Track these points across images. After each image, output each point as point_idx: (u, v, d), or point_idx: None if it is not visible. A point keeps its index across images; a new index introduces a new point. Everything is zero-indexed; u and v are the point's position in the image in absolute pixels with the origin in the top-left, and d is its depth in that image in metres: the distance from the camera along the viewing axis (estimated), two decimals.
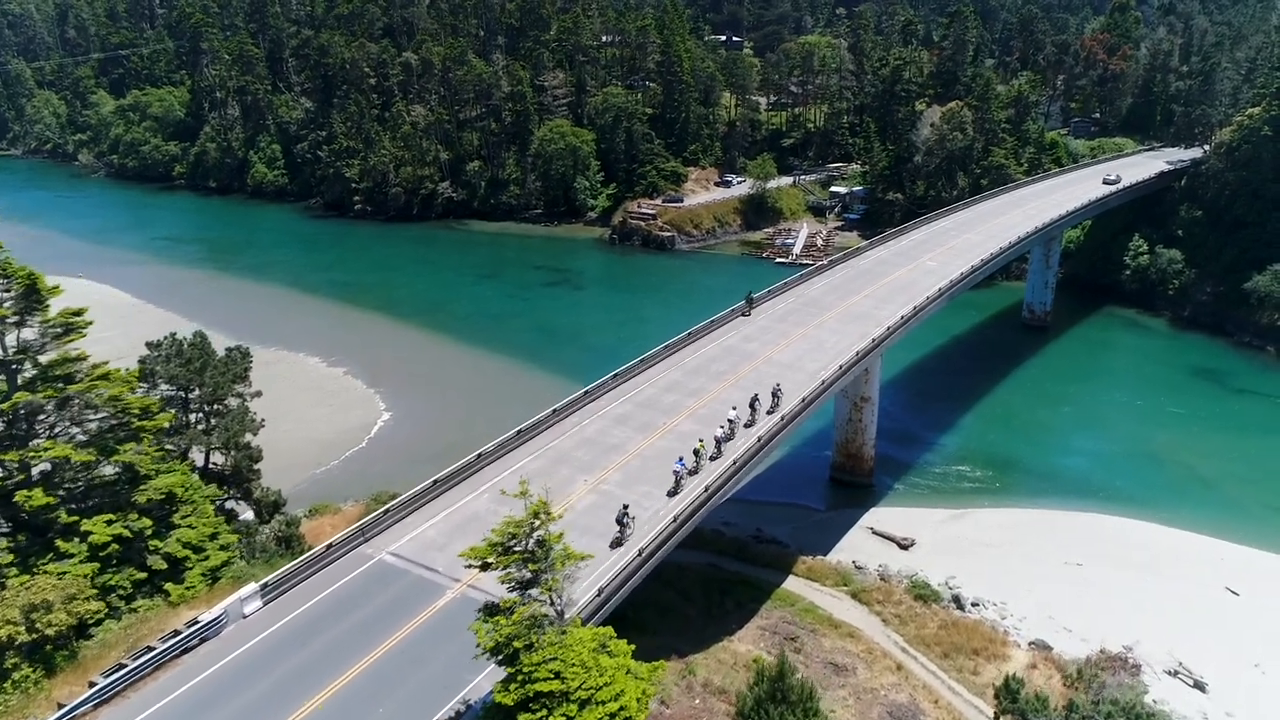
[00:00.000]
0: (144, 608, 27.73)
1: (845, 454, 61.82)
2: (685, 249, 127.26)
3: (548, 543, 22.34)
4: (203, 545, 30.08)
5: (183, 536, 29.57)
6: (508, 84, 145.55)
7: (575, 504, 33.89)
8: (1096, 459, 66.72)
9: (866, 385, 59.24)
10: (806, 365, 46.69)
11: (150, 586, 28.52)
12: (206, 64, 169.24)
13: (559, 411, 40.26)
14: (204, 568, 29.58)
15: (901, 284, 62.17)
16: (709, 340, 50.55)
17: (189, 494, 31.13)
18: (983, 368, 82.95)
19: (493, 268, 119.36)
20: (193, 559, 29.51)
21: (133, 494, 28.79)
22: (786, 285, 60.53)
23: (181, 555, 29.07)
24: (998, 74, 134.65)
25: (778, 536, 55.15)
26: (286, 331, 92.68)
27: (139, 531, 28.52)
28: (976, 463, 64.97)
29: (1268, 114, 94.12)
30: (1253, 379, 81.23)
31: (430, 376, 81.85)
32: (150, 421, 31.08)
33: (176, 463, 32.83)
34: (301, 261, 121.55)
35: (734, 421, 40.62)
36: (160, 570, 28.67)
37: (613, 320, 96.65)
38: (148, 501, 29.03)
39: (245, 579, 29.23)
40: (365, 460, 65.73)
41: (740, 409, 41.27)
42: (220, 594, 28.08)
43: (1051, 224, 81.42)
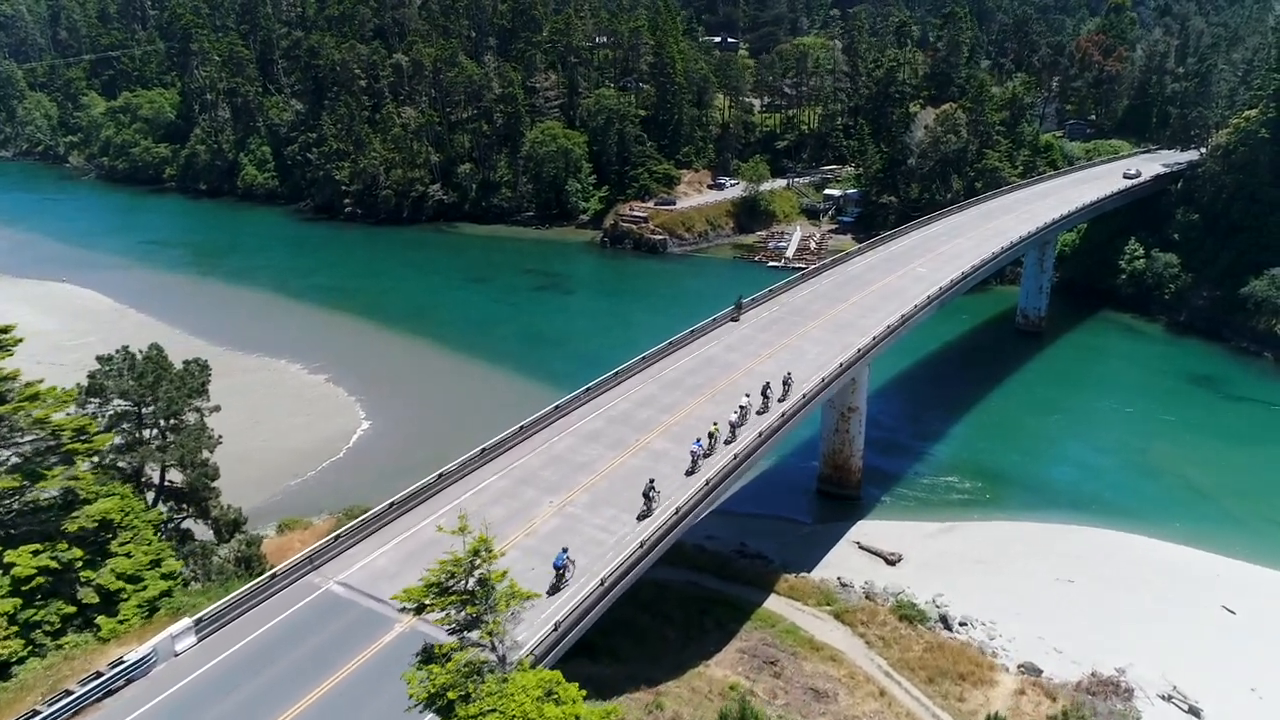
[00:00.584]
0: (71, 644, 26.00)
1: (832, 465, 60.14)
2: (677, 252, 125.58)
3: (490, 581, 20.67)
4: (141, 575, 28.36)
5: (118, 566, 27.84)
6: (499, 85, 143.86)
7: (539, 528, 32.18)
8: (1090, 469, 65.03)
9: (854, 395, 57.57)
10: (771, 391, 44.81)
11: (81, 620, 26.87)
12: (196, 65, 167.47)
13: (526, 428, 38.56)
14: (141, 599, 27.86)
15: (890, 291, 60.48)
16: (688, 351, 48.83)
17: (128, 519, 29.42)
18: (975, 375, 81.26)
19: (482, 271, 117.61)
20: (129, 590, 27.79)
21: (63, 522, 27.09)
22: (772, 293, 58.82)
23: (116, 587, 27.36)
24: (992, 76, 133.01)
25: (763, 551, 53.50)
26: (269, 337, 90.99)
27: (68, 563, 26.83)
28: (967, 473, 63.27)
29: (1265, 116, 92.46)
30: (1250, 386, 79.52)
31: (413, 384, 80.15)
32: (84, 444, 29.38)
33: (117, 485, 31.10)
34: (288, 265, 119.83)
35: (746, 408, 41.89)
36: (92, 604, 27.00)
37: (600, 326, 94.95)
38: (79, 530, 27.34)
39: (185, 611, 27.55)
40: (342, 471, 64.03)
41: (753, 396, 42.73)
42: (156, 628, 26.41)
43: (1045, 229, 79.75)
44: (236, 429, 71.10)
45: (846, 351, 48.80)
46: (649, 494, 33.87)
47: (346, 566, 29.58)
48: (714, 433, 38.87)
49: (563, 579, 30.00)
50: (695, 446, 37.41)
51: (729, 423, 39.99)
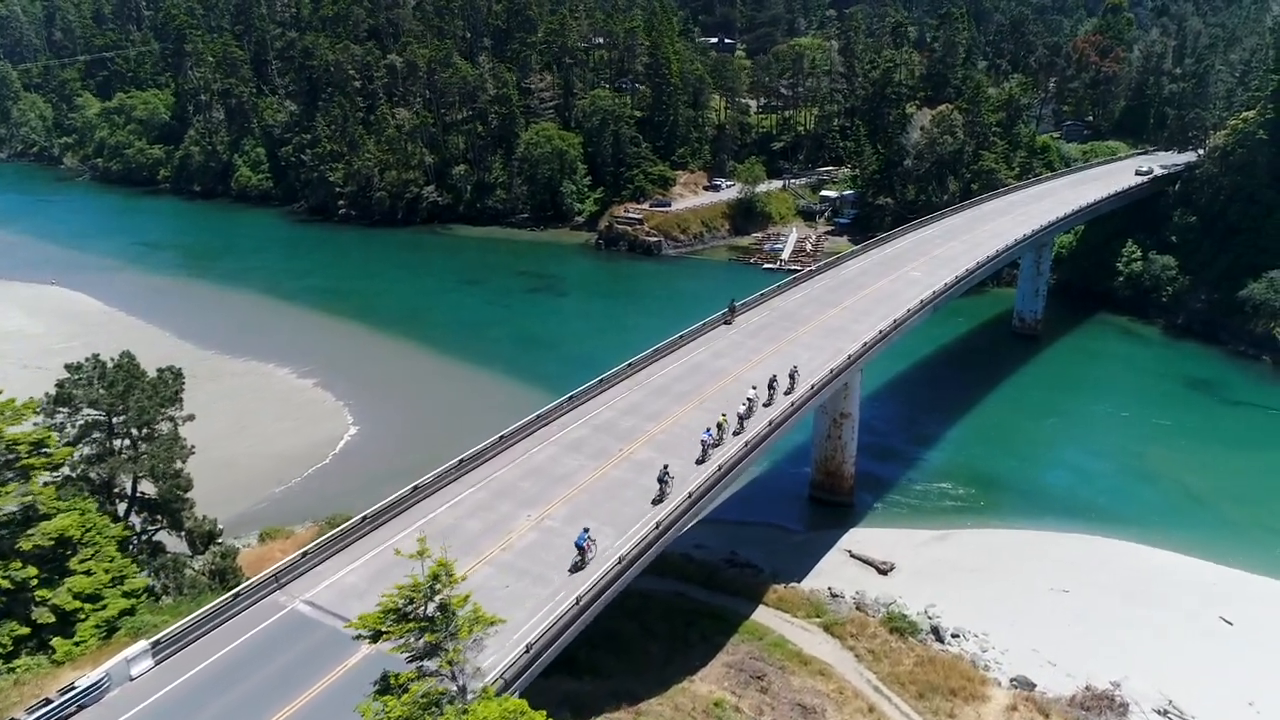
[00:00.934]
0: (23, 668, 25.00)
1: (824, 472, 59.13)
2: (672, 254, 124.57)
3: (450, 607, 19.68)
4: (101, 594, 27.38)
5: (76, 585, 26.83)
6: (493, 86, 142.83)
7: (515, 542, 31.15)
8: (1085, 475, 64.01)
9: (846, 401, 56.55)
10: (777, 384, 43.92)
11: (35, 642, 25.86)
12: (190, 66, 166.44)
13: (507, 438, 37.52)
14: (100, 619, 26.87)
15: (883, 295, 59.45)
16: (676, 357, 47.79)
17: (89, 535, 28.42)
18: (970, 379, 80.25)
19: (475, 273, 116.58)
20: (87, 610, 26.80)
21: (17, 540, 26.07)
22: (763, 297, 57.80)
23: (73, 607, 26.36)
24: (989, 76, 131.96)
25: (752, 560, 52.51)
26: (258, 341, 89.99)
27: (23, 582, 25.82)
28: (961, 480, 62.25)
29: (1262, 117, 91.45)
30: (1248, 390, 78.53)
31: (402, 388, 79.14)
32: (43, 458, 28.38)
33: (80, 499, 30.09)
34: (281, 267, 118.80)
35: (753, 400, 42.76)
36: (48, 624, 26.00)
37: (594, 328, 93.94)
38: (34, 548, 26.32)
39: (145, 631, 26.56)
40: (328, 478, 63.02)
41: (760, 389, 43.55)
42: (114, 650, 25.40)
43: (1040, 232, 78.74)
44: (222, 435, 70.69)
45: (838, 357, 47.80)
46: (663, 479, 35.38)
47: (315, 584, 28.56)
48: (722, 423, 40.20)
49: (585, 557, 30.90)
50: (705, 436, 38.82)
51: (737, 415, 41.36)
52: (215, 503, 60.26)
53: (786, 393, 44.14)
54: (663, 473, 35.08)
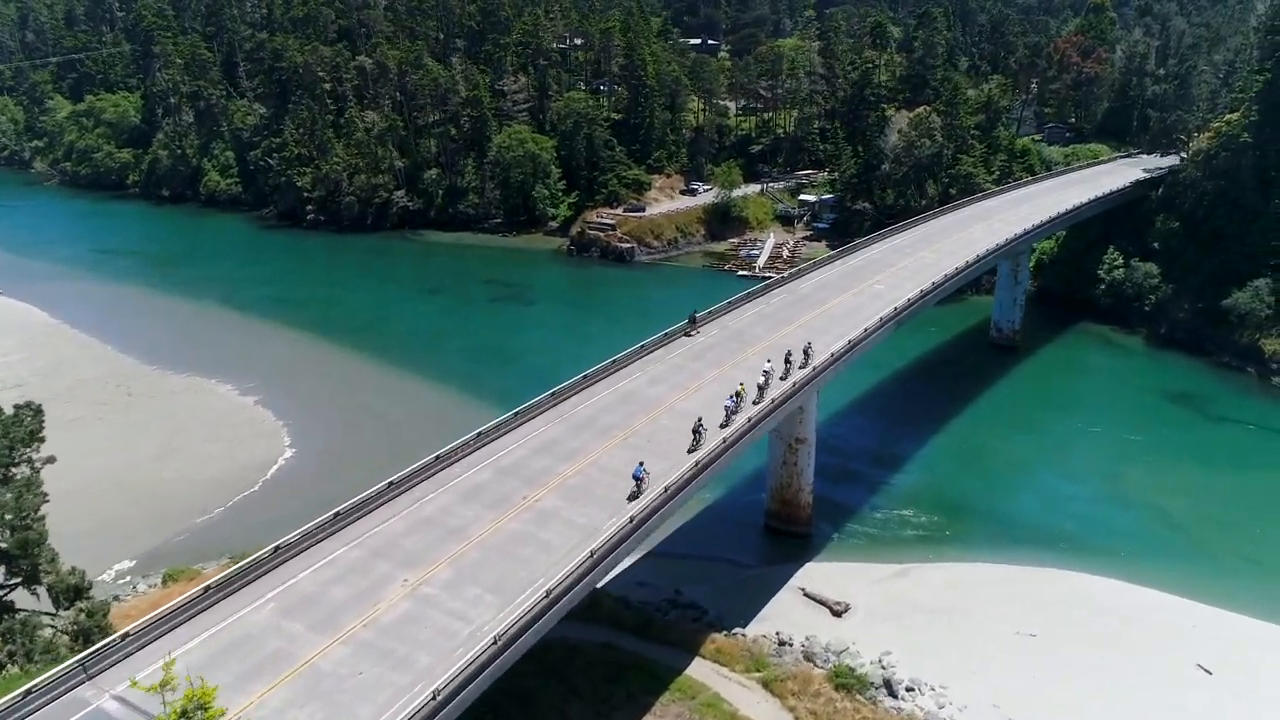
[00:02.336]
0: None
1: (780, 500, 54.94)
2: (645, 261, 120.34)
3: None
4: None
5: None
6: (465, 88, 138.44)
7: (382, 615, 26.88)
8: (1059, 500, 59.89)
9: (801, 425, 52.40)
10: (715, 416, 39.72)
11: None
12: (159, 68, 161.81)
13: (397, 484, 33.29)
14: None
15: (843, 311, 55.28)
16: (608, 384, 43.54)
17: None
18: (943, 393, 76.13)
19: (441, 281, 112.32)
20: None
21: None
22: (713, 314, 53.56)
23: None
24: (970, 78, 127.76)
25: (697, 600, 48.32)
26: (205, 354, 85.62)
27: None
28: (926, 506, 58.08)
29: (1246, 119, 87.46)
30: (1231, 405, 74.49)
31: (347, 406, 74.77)
32: None
33: None
34: (241, 275, 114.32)
35: (769, 373, 44.91)
36: None
37: (555, 340, 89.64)
38: None
39: None
40: (254, 507, 58.66)
41: (775, 363, 45.78)
42: None
43: (1015, 240, 74.67)
44: (151, 457, 66.45)
45: (786, 382, 43.56)
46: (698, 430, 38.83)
47: (139, 668, 24.28)
48: (741, 392, 42.47)
49: (640, 488, 34.38)
50: (729, 403, 41.59)
51: (757, 385, 43.74)
52: (129, 535, 56.52)
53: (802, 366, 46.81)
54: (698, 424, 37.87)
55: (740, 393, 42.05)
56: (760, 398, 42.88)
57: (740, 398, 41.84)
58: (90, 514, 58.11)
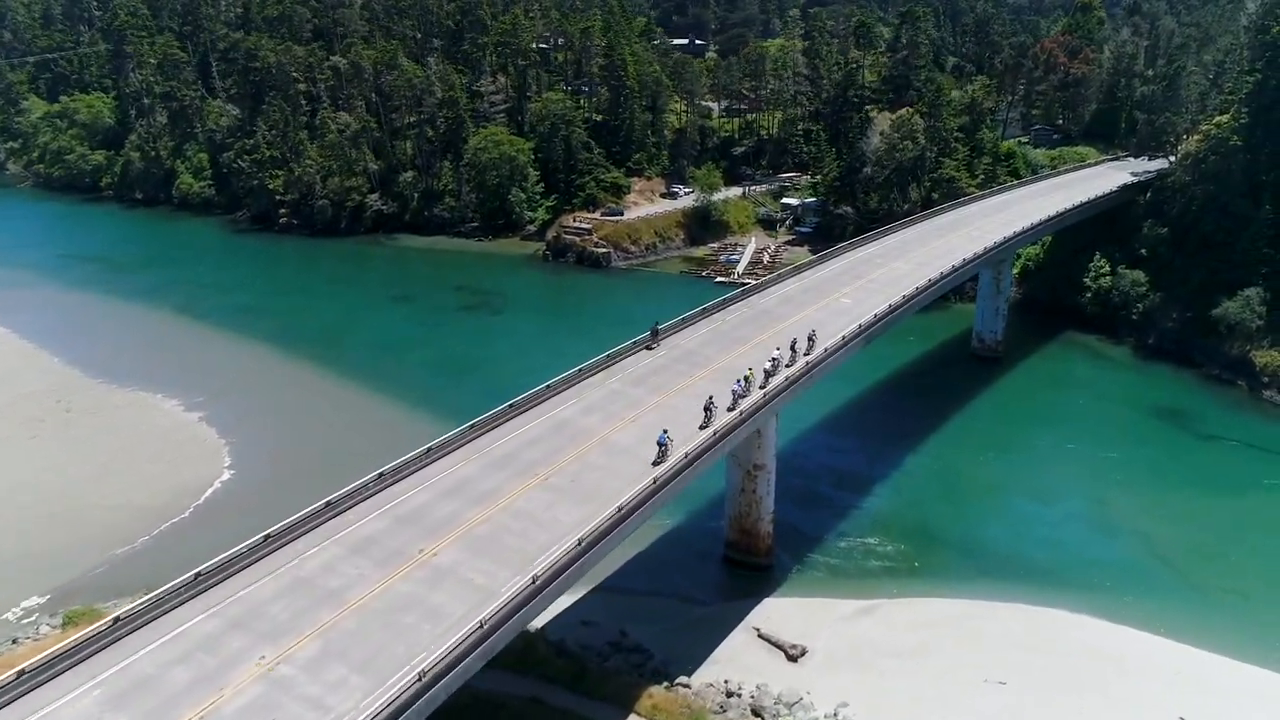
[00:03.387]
0: None
1: (739, 530, 51.17)
2: (622, 266, 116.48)
3: None
4: None
5: None
6: (440, 89, 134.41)
7: (225, 704, 22.95)
8: (1037, 527, 56.20)
9: (759, 450, 48.61)
10: (644, 452, 35.91)
11: None
12: (132, 68, 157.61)
13: (275, 536, 29.47)
14: None
15: (805, 328, 51.23)
16: (538, 414, 39.71)
17: None
18: (919, 408, 72.38)
19: (410, 288, 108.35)
20: None
21: None
22: (660, 334, 49.65)
23: None
24: (955, 79, 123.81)
25: (643, 642, 44.57)
26: (154, 367, 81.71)
27: None
28: (895, 534, 54.31)
29: (1237, 122, 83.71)
30: (1221, 421, 70.76)
31: (296, 422, 70.90)
32: None
33: None
34: (205, 282, 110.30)
35: (777, 360, 45.58)
36: None
37: (521, 350, 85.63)
38: None
39: None
40: (182, 536, 54.70)
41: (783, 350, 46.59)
42: None
43: (993, 250, 70.96)
44: (83, 480, 62.35)
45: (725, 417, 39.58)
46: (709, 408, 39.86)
47: None
48: (749, 377, 43.21)
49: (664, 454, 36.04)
50: (736, 386, 42.22)
51: (763, 370, 44.29)
52: (47, 567, 52.42)
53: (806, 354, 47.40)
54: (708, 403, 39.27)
55: (749, 377, 43.12)
56: (766, 383, 43.97)
57: (749, 382, 42.89)
58: (9, 543, 54.42)
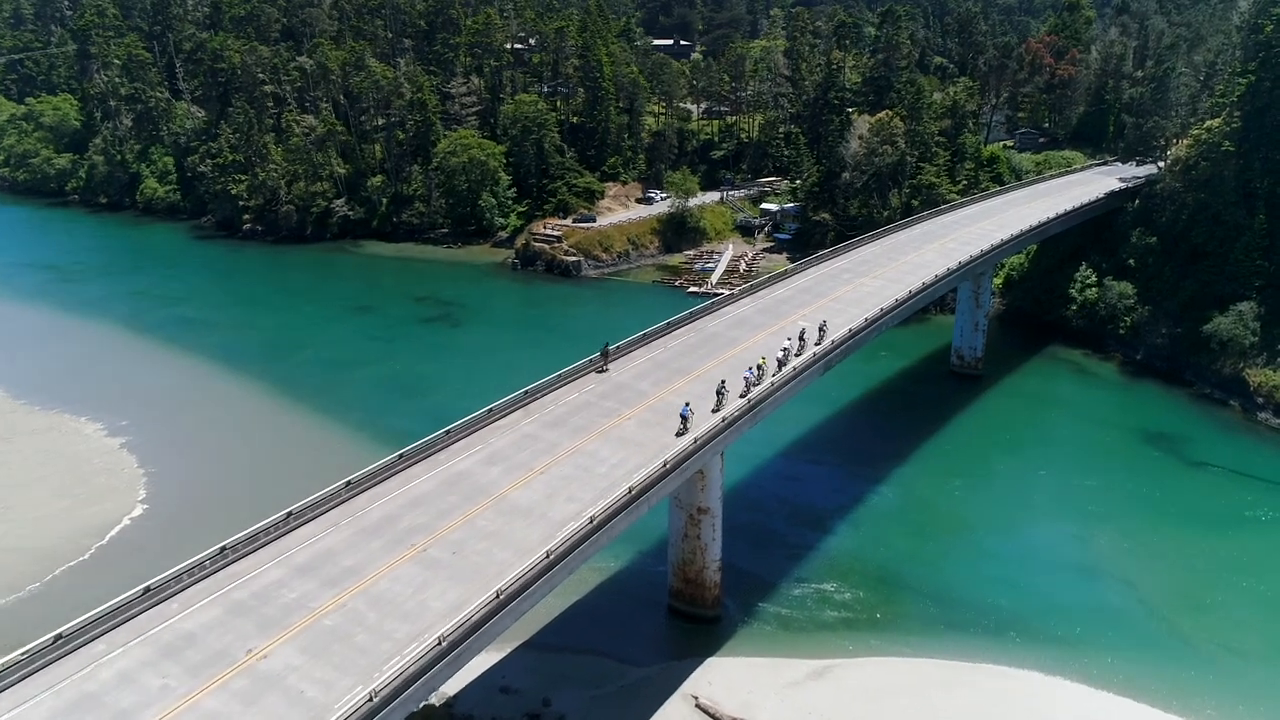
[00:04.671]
0: None
1: (683, 578, 46.07)
2: (593, 275, 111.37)
3: None
4: None
5: None
6: (409, 90, 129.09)
7: None
8: (1010, 569, 51.02)
9: (703, 492, 43.55)
10: (552, 512, 30.78)
11: None
12: (97, 69, 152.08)
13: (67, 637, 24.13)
14: None
15: (754, 356, 46.07)
16: (434, 464, 34.48)
17: None
18: (890, 432, 67.38)
19: (370, 299, 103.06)
20: None
21: None
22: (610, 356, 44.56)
23: None
24: (939, 81, 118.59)
25: (567, 713, 39.49)
26: (85, 386, 76.41)
27: None
28: (856, 579, 49.20)
29: (1228, 126, 78.67)
30: (1213, 446, 65.79)
31: (226, 449, 65.58)
32: None
33: None
34: (158, 291, 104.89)
35: (788, 350, 46.14)
36: None
37: (476, 368, 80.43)
38: None
39: None
40: (74, 583, 49.42)
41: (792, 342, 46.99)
42: None
43: (971, 263, 65.92)
44: None
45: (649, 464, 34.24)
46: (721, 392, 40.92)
47: None
48: (762, 365, 43.85)
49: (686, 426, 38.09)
50: (748, 374, 42.73)
51: (775, 359, 44.93)
52: None
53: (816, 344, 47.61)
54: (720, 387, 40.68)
55: (762, 365, 43.51)
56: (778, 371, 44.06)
57: (761, 370, 43.23)
58: None
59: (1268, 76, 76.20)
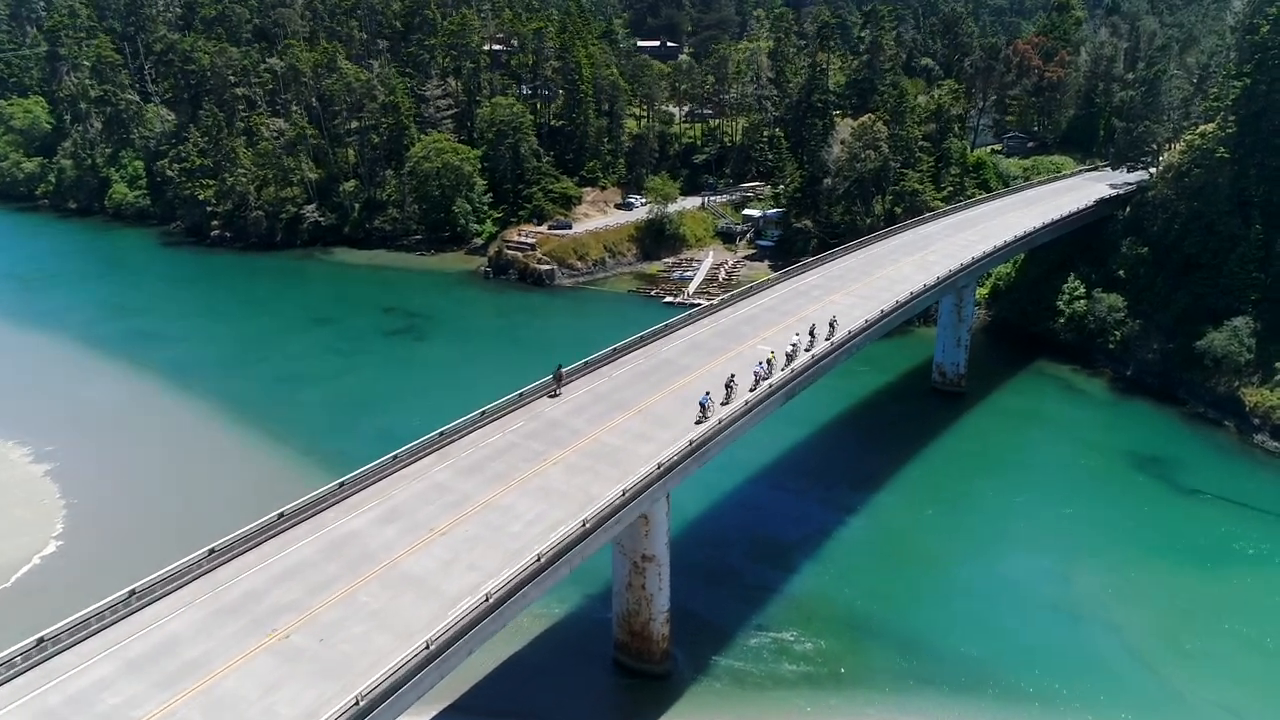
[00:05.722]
0: None
1: (628, 630, 41.81)
2: (567, 284, 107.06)
3: None
4: None
5: None
6: (382, 93, 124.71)
7: None
8: (988, 612, 46.82)
9: (647, 539, 39.33)
10: (448, 584, 26.46)
11: None
12: (66, 71, 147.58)
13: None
14: None
15: (704, 386, 41.80)
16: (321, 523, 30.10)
17: None
18: (863, 456, 63.18)
19: (334, 309, 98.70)
20: None
21: None
22: (523, 399, 40.17)
23: None
24: (925, 83, 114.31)
25: None
26: (17, 407, 72.19)
27: None
28: (819, 625, 44.94)
29: (1223, 131, 74.50)
30: (1207, 471, 61.57)
31: (158, 475, 61.29)
32: None
33: None
34: (114, 302, 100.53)
35: (796, 345, 46.19)
36: None
37: (434, 385, 75.86)
38: None
39: None
40: None
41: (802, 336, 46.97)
42: None
43: (950, 277, 61.75)
44: None
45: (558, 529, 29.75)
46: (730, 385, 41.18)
47: None
48: (771, 359, 43.92)
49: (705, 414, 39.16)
50: (758, 369, 43.07)
51: (785, 353, 45.22)
52: None
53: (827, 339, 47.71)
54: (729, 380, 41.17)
55: (771, 359, 43.72)
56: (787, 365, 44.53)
57: (770, 364, 43.42)
58: None
59: (1264, 79, 72.06)
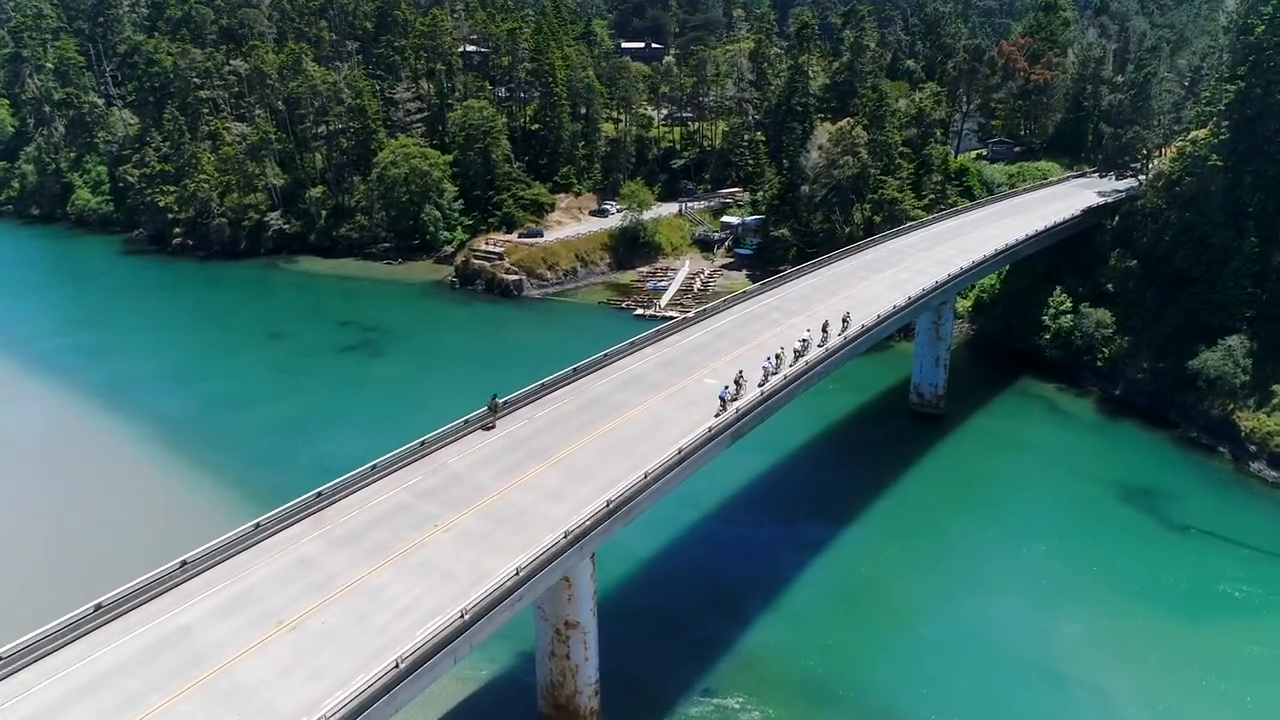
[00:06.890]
0: None
1: (553, 703, 37.02)
2: (535, 295, 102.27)
3: None
4: None
5: None
6: (349, 96, 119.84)
7: None
8: (960, 675, 41.95)
9: (571, 604, 34.59)
10: (282, 700, 21.69)
11: None
12: (29, 73, 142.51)
13: None
14: None
15: (639, 431, 37.10)
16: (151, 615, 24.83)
17: None
18: (833, 486, 58.36)
19: (289, 323, 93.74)
20: None
21: None
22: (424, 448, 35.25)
23: None
24: (907, 86, 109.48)
25: None
26: None
27: None
28: (767, 692, 40.08)
29: (1215, 138, 69.79)
30: (1200, 505, 56.82)
31: (72, 512, 56.27)
32: None
33: None
34: (60, 315, 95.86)
35: (807, 341, 45.49)
36: None
37: (385, 408, 70.92)
38: None
39: None
40: None
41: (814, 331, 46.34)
42: None
43: (924, 296, 56.96)
44: None
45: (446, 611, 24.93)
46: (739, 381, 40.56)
47: None
48: (780, 355, 43.28)
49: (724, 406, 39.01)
50: (766, 364, 42.29)
51: (793, 350, 44.36)
52: None
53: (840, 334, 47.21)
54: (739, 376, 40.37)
55: (780, 355, 43.25)
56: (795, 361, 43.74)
57: (780, 360, 42.97)
58: None
59: (1259, 82, 67.31)
